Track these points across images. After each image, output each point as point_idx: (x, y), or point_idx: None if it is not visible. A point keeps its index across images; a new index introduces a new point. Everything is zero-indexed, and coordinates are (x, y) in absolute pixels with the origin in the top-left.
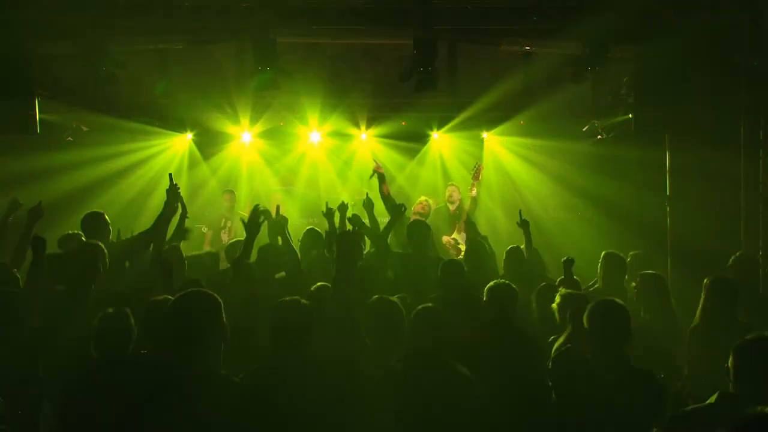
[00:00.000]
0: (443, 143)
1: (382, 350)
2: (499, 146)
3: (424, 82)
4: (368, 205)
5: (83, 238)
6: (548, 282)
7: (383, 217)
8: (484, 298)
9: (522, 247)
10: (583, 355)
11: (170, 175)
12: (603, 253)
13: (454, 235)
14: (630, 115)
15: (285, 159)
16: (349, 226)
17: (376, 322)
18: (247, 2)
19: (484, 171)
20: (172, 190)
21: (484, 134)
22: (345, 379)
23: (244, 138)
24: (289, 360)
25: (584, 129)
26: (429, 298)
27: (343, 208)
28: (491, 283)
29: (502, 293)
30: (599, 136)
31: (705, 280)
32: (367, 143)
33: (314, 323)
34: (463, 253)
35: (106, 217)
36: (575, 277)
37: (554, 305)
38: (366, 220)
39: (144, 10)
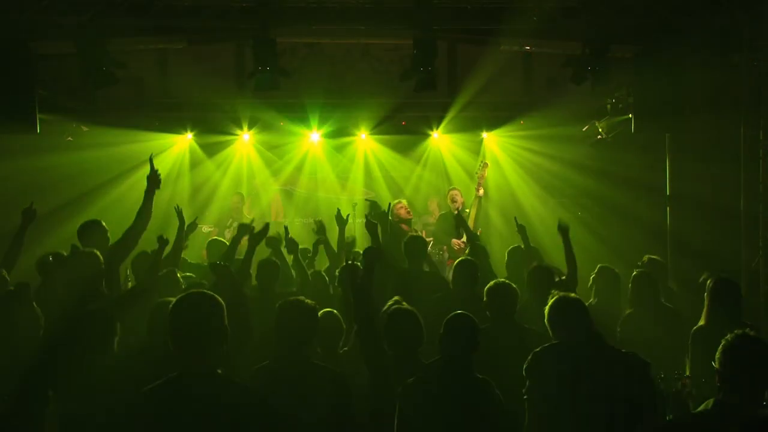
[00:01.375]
0: (443, 143)
1: (403, 359)
2: (498, 146)
3: (424, 82)
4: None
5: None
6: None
7: None
8: (485, 298)
9: (522, 246)
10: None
11: (150, 157)
12: (598, 266)
13: (464, 239)
14: (630, 115)
15: (285, 159)
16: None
17: (396, 332)
18: (247, 2)
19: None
20: (153, 177)
21: (484, 134)
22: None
23: (244, 138)
24: (291, 360)
25: (584, 129)
26: (433, 298)
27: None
28: (491, 283)
29: (503, 293)
30: (599, 136)
31: (708, 282)
32: (367, 143)
33: (318, 324)
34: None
35: (104, 224)
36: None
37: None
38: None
39: (144, 10)
